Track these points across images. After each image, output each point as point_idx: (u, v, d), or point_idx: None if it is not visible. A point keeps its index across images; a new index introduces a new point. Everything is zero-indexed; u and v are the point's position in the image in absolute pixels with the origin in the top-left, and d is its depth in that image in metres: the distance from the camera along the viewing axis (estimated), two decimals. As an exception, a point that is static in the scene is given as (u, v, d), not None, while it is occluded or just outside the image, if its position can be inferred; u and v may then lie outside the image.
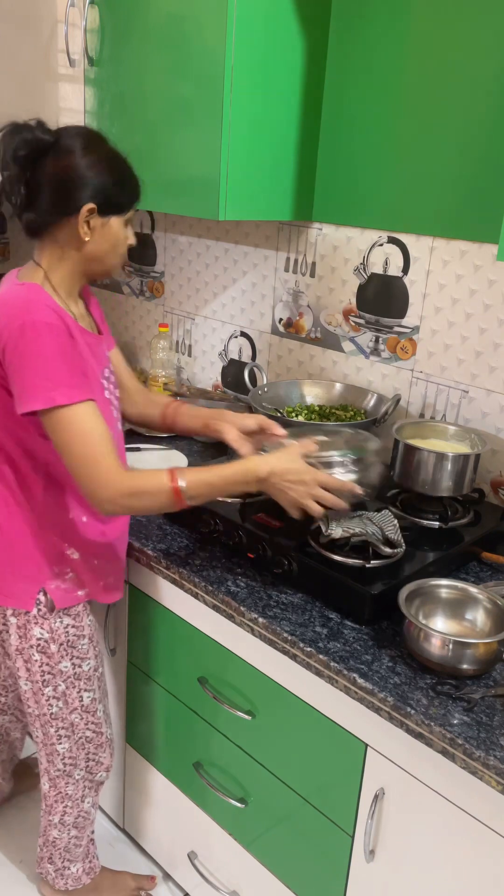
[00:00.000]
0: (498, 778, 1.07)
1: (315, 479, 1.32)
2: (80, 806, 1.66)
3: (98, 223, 1.30)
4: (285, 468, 1.31)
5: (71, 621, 1.48)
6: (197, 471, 1.31)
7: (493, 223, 1.59)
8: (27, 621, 1.44)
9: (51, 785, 1.62)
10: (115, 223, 1.33)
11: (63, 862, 1.72)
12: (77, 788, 1.63)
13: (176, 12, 1.67)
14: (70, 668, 1.51)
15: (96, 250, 1.33)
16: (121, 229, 1.34)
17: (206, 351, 2.36)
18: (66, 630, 1.48)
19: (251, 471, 1.31)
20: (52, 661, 1.48)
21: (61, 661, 1.49)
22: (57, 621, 1.46)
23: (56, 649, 1.48)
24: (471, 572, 1.55)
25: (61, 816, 1.65)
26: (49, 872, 1.73)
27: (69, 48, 1.91)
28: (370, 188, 1.81)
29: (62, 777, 1.61)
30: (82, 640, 1.51)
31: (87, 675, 1.54)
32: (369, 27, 1.72)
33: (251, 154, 1.71)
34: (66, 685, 1.52)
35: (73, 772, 1.61)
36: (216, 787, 1.60)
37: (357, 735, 1.29)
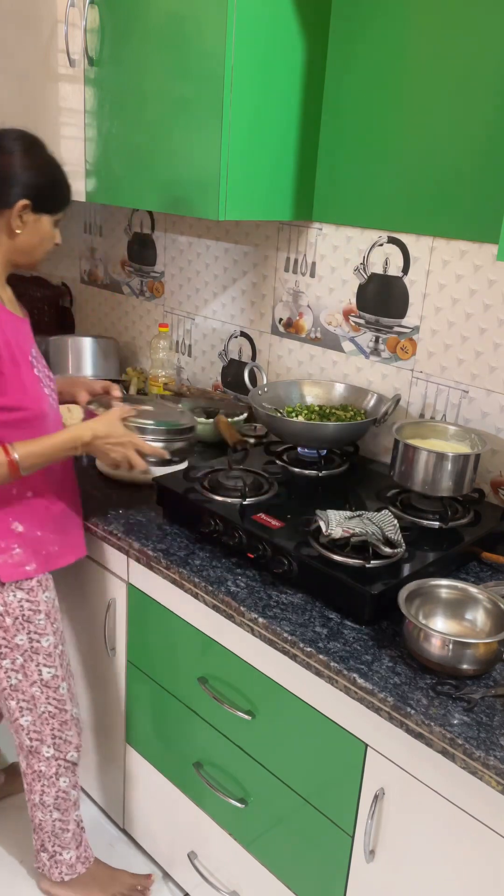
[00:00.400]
0: (498, 778, 1.07)
1: (131, 442, 1.51)
2: (57, 785, 1.69)
3: (31, 218, 1.42)
4: (106, 432, 1.48)
5: (24, 595, 1.54)
6: (29, 443, 1.42)
7: (493, 223, 1.59)
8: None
9: (26, 763, 1.68)
10: (46, 221, 1.45)
11: (54, 847, 1.75)
12: (49, 766, 1.67)
13: (176, 12, 1.67)
14: (27, 642, 1.57)
15: (26, 243, 1.45)
16: (50, 227, 1.47)
17: (206, 351, 2.36)
18: (20, 604, 1.54)
19: (78, 437, 1.46)
20: (8, 634, 1.54)
21: (17, 634, 1.55)
22: (10, 595, 1.52)
23: (11, 622, 1.54)
24: (471, 572, 1.55)
25: (40, 796, 1.70)
26: (44, 863, 1.77)
27: (69, 48, 1.90)
28: (370, 188, 1.81)
29: (32, 754, 1.66)
30: (38, 616, 1.57)
31: (46, 650, 1.60)
32: (369, 27, 1.72)
33: (251, 154, 1.71)
34: (23, 658, 1.57)
35: (40, 748, 1.65)
36: (216, 787, 1.60)
37: (357, 735, 1.29)
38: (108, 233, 2.60)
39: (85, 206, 2.65)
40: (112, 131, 1.89)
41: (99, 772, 1.99)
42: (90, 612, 1.83)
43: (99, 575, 1.76)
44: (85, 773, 2.06)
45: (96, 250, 2.67)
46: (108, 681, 1.84)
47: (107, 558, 1.73)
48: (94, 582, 1.78)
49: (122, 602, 1.72)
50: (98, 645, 1.82)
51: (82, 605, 1.84)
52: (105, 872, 1.83)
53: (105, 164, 1.94)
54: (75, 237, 2.74)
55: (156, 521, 1.68)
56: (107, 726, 1.89)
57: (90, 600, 1.81)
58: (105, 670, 1.83)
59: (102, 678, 1.85)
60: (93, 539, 1.72)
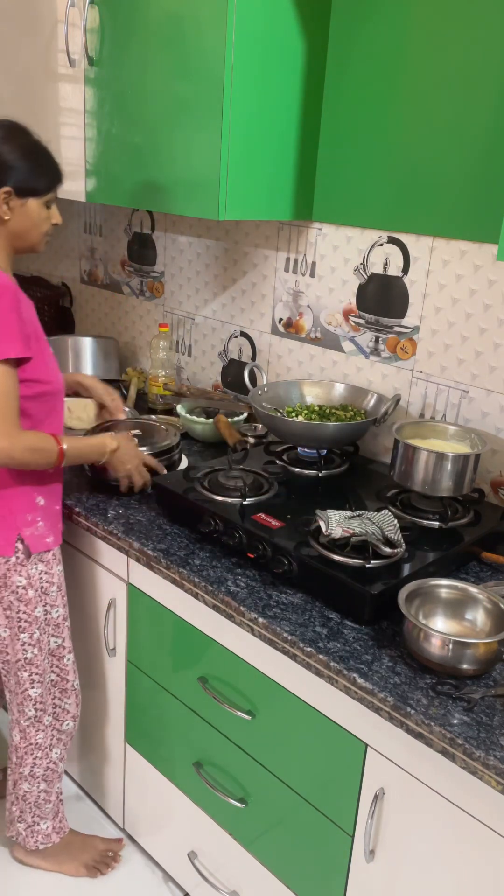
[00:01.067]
0: (498, 778, 1.07)
1: (141, 459, 1.72)
2: (49, 756, 1.75)
3: (17, 204, 1.45)
4: (126, 447, 1.67)
5: (44, 568, 1.62)
6: (72, 439, 1.56)
7: (493, 223, 1.59)
8: (8, 569, 1.57)
9: (21, 736, 1.71)
10: (34, 204, 1.47)
11: (33, 818, 1.79)
12: (46, 736, 1.73)
13: (176, 12, 1.67)
14: (42, 615, 1.64)
15: (17, 228, 1.48)
16: (40, 210, 1.49)
17: (206, 351, 2.36)
18: (40, 577, 1.62)
19: (107, 445, 1.63)
20: (29, 607, 1.61)
21: (36, 607, 1.62)
22: (33, 567, 1.60)
23: (33, 595, 1.60)
24: (471, 572, 1.55)
25: (31, 768, 1.73)
26: (20, 832, 1.81)
27: (69, 48, 1.90)
28: (370, 188, 1.81)
29: (33, 724, 1.70)
30: (52, 588, 1.65)
31: (55, 621, 1.68)
32: (369, 27, 1.72)
33: (251, 154, 1.71)
34: (39, 631, 1.64)
35: (42, 717, 1.71)
36: (216, 787, 1.60)
37: (357, 735, 1.29)
38: (108, 233, 2.60)
39: (85, 206, 2.65)
40: (112, 131, 1.89)
41: (99, 772, 1.99)
42: (90, 612, 1.83)
43: (99, 575, 1.76)
44: (85, 773, 2.07)
45: (96, 250, 2.67)
46: (108, 681, 1.84)
47: (107, 558, 1.73)
48: (94, 582, 1.78)
49: (122, 602, 1.72)
50: (98, 645, 1.82)
51: (82, 605, 1.84)
52: (77, 840, 1.91)
53: (105, 164, 1.94)
54: (75, 237, 2.74)
55: (156, 521, 1.68)
56: (107, 726, 1.90)
57: (90, 600, 1.81)
58: (105, 670, 1.84)
59: (102, 678, 1.85)
60: (93, 539, 1.72)
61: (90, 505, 1.73)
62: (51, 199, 1.50)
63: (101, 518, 1.67)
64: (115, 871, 1.91)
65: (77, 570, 1.82)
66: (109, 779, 1.96)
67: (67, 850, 1.88)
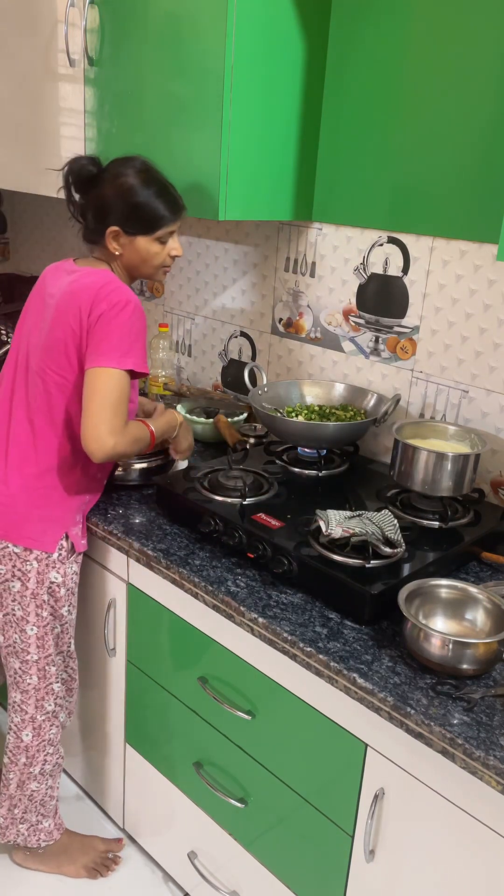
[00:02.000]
0: (498, 778, 1.07)
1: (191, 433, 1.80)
2: (59, 752, 1.79)
3: (126, 241, 1.55)
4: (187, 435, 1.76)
5: (76, 569, 1.66)
6: (156, 421, 1.64)
7: (493, 223, 1.59)
8: (47, 566, 1.59)
9: (35, 734, 1.72)
10: (142, 241, 1.55)
11: (37, 817, 1.80)
12: (58, 732, 1.76)
13: (176, 12, 1.67)
14: (66, 614, 1.68)
15: (128, 262, 1.58)
16: (149, 245, 1.56)
17: (206, 351, 2.36)
18: (72, 577, 1.65)
19: (176, 419, 1.71)
20: (59, 604, 1.64)
21: (64, 605, 1.65)
22: (69, 567, 1.64)
23: (63, 593, 1.64)
24: (471, 572, 1.55)
25: (42, 766, 1.75)
26: (21, 833, 1.81)
27: (69, 48, 1.90)
28: (370, 188, 1.81)
29: (49, 719, 1.72)
30: (76, 589, 1.69)
31: (72, 622, 1.71)
32: (369, 27, 1.72)
33: (251, 154, 1.71)
34: (61, 629, 1.68)
35: (59, 713, 1.74)
36: (216, 787, 1.60)
37: (357, 735, 1.29)
38: (108, 233, 2.60)
39: (85, 206, 2.65)
40: (112, 131, 1.89)
41: (99, 772, 1.99)
42: (90, 612, 1.83)
43: (99, 575, 1.76)
44: (85, 773, 2.07)
45: (96, 250, 2.67)
46: (108, 681, 1.84)
47: (107, 558, 1.73)
48: (94, 582, 1.78)
49: (122, 602, 1.72)
50: (98, 645, 1.82)
51: (82, 605, 1.84)
52: (76, 841, 1.91)
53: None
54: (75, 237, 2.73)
55: (156, 521, 1.68)
56: (107, 726, 1.90)
57: (90, 600, 1.81)
58: (105, 670, 1.84)
59: (102, 678, 1.85)
60: (93, 539, 1.72)
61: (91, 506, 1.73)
62: (164, 235, 1.55)
63: (101, 518, 1.67)
64: (115, 872, 1.91)
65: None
66: (109, 779, 1.96)
67: (67, 852, 1.88)
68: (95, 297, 1.45)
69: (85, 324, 1.47)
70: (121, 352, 1.45)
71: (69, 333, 1.48)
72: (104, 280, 1.49)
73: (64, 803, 2.04)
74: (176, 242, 1.59)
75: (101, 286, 1.47)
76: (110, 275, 1.53)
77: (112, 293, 1.46)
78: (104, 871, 1.89)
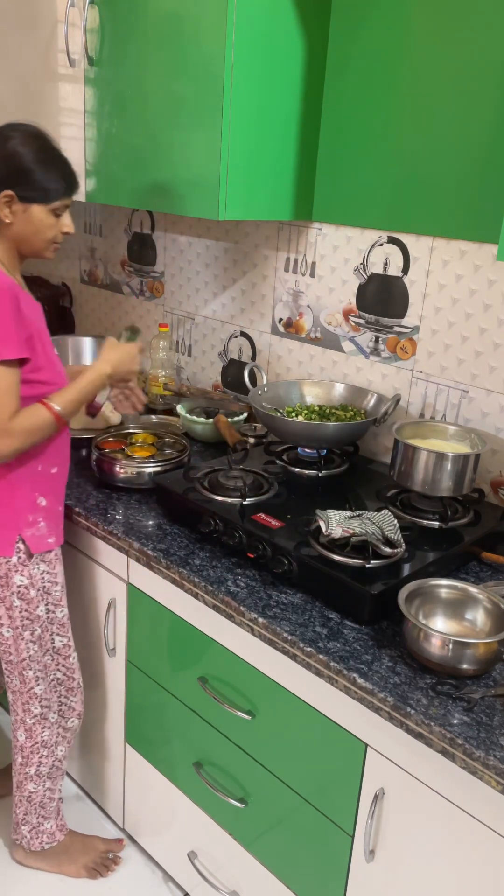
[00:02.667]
0: (498, 778, 1.07)
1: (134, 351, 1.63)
2: (55, 754, 1.76)
3: (20, 208, 1.44)
4: (118, 358, 1.59)
5: (46, 567, 1.62)
6: (62, 392, 1.50)
7: (493, 223, 1.59)
8: (8, 569, 1.57)
9: (27, 735, 1.71)
10: (38, 210, 1.45)
11: (38, 819, 1.80)
12: (52, 734, 1.74)
13: (176, 12, 1.67)
14: (45, 614, 1.65)
15: (20, 233, 1.47)
16: (44, 216, 1.46)
17: (206, 351, 2.36)
18: (42, 576, 1.62)
19: (100, 373, 1.56)
20: (31, 606, 1.61)
21: (38, 606, 1.63)
22: (35, 568, 1.60)
23: (34, 594, 1.61)
24: (471, 572, 1.55)
25: (37, 767, 1.74)
26: (24, 835, 1.82)
27: (69, 48, 1.90)
28: (370, 188, 1.81)
29: (38, 722, 1.71)
30: (56, 587, 1.66)
31: (60, 621, 1.69)
32: (369, 27, 1.72)
33: (251, 154, 1.71)
34: (41, 629, 1.65)
35: (48, 714, 1.72)
36: (216, 787, 1.60)
37: (357, 735, 1.29)
38: (108, 233, 2.60)
39: (85, 206, 2.65)
40: (112, 131, 1.89)
41: (99, 772, 1.99)
42: (90, 612, 1.83)
43: (99, 575, 1.76)
44: (85, 773, 2.07)
45: (96, 250, 2.67)
46: (108, 681, 1.84)
47: (107, 558, 1.73)
48: (94, 582, 1.78)
49: (122, 602, 1.72)
50: (98, 645, 1.82)
51: (82, 605, 1.84)
52: (78, 841, 1.91)
53: (105, 164, 1.94)
54: (75, 237, 2.74)
55: (156, 521, 1.68)
56: (107, 726, 1.90)
57: (90, 600, 1.81)
58: (105, 670, 1.84)
59: (102, 678, 1.85)
60: (93, 539, 1.72)
61: (90, 505, 1.73)
62: (60, 207, 1.48)
63: (101, 518, 1.67)
64: (116, 871, 1.91)
65: (77, 570, 1.82)
66: (109, 779, 1.96)
67: (67, 852, 1.88)
68: None
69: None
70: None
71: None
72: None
73: (64, 803, 2.04)
74: (69, 218, 1.51)
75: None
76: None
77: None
78: (104, 872, 1.89)
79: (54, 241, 1.51)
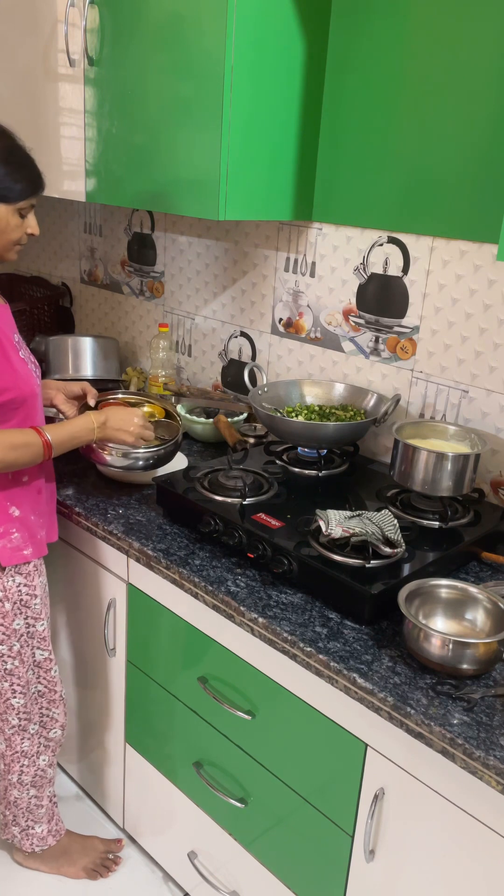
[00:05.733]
0: (498, 778, 1.07)
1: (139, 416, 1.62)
2: (37, 763, 1.73)
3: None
4: (115, 415, 1.59)
5: (23, 580, 1.57)
6: (54, 427, 1.51)
7: (493, 223, 1.59)
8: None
9: (7, 744, 1.69)
10: (3, 210, 1.40)
11: (27, 822, 1.79)
12: (32, 744, 1.71)
13: (176, 12, 1.67)
14: (24, 627, 1.60)
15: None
16: (9, 216, 1.41)
17: (206, 351, 2.36)
18: (18, 589, 1.57)
19: (92, 421, 1.56)
20: (7, 620, 1.56)
21: (15, 619, 1.58)
22: (9, 580, 1.55)
23: (10, 608, 1.56)
24: (471, 572, 1.55)
25: (19, 776, 1.72)
26: (15, 835, 1.81)
27: (69, 48, 1.90)
28: (370, 188, 1.81)
29: (17, 733, 1.68)
30: (35, 600, 1.60)
31: (40, 634, 1.65)
32: (369, 27, 1.72)
33: (251, 154, 1.71)
34: (20, 644, 1.60)
35: (27, 726, 1.69)
36: (216, 787, 1.60)
37: (357, 735, 1.29)
38: (108, 233, 2.60)
39: (85, 206, 2.65)
40: (112, 131, 1.89)
41: (99, 772, 1.99)
42: (90, 612, 1.83)
43: (99, 575, 1.76)
44: (85, 773, 2.07)
45: (96, 250, 2.67)
46: (108, 681, 1.84)
47: (107, 558, 1.73)
48: (94, 582, 1.78)
49: (122, 602, 1.72)
50: (98, 645, 1.82)
51: (82, 605, 1.84)
52: (77, 842, 1.90)
53: (105, 164, 1.94)
54: (75, 237, 2.74)
55: (156, 521, 1.68)
56: (107, 726, 1.90)
57: (90, 600, 1.81)
58: (105, 670, 1.84)
59: (102, 678, 1.85)
60: (93, 539, 1.72)
61: (90, 505, 1.73)
62: (25, 207, 1.42)
63: (101, 518, 1.67)
64: (116, 871, 1.91)
65: (77, 570, 1.82)
66: (109, 779, 1.96)
67: (67, 853, 1.88)
68: None
69: None
70: None
71: None
72: None
73: (64, 803, 2.04)
74: (34, 220, 1.47)
75: None
76: None
77: None
78: (104, 872, 1.89)
79: (19, 242, 1.46)
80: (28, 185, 1.41)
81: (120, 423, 1.59)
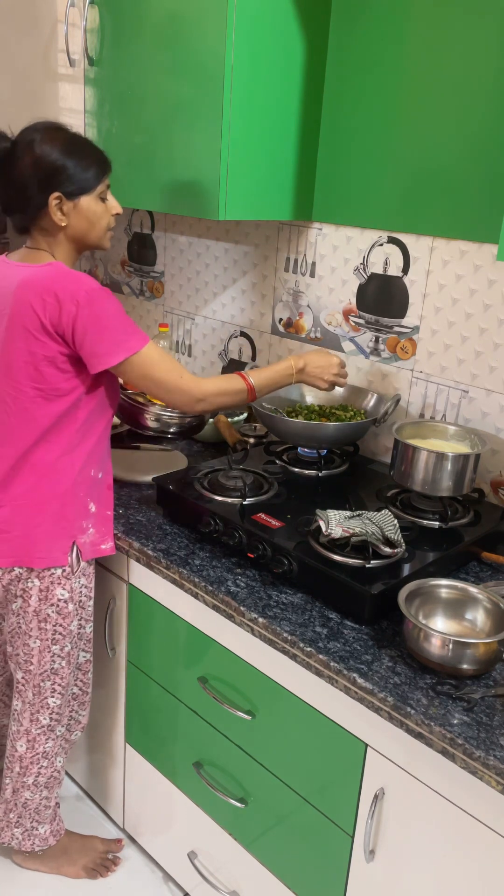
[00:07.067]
0: (498, 778, 1.07)
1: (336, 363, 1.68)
2: (54, 765, 1.73)
3: (69, 207, 1.43)
4: (313, 360, 1.65)
5: (85, 581, 1.60)
6: (257, 372, 1.58)
7: (493, 223, 1.59)
8: (51, 582, 1.54)
9: (28, 746, 1.68)
10: (86, 201, 1.44)
11: (31, 823, 1.78)
12: (55, 745, 1.71)
13: (176, 12, 1.68)
14: (76, 629, 1.62)
15: (77, 230, 1.46)
16: (94, 205, 1.46)
17: (206, 351, 2.36)
18: (80, 590, 1.59)
19: (291, 367, 1.62)
20: (66, 620, 1.58)
21: (73, 620, 1.59)
22: (76, 581, 1.57)
23: (72, 609, 1.58)
24: (471, 572, 1.55)
25: (35, 777, 1.71)
26: (15, 836, 1.79)
27: (69, 48, 1.90)
28: (370, 188, 1.81)
29: (44, 733, 1.67)
30: (89, 602, 1.64)
31: (87, 636, 1.67)
32: (369, 27, 1.72)
33: (251, 154, 1.71)
34: (71, 645, 1.61)
35: (56, 727, 1.68)
36: (216, 787, 1.60)
37: (357, 735, 1.29)
38: (108, 233, 2.60)
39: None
40: (112, 131, 1.89)
41: (99, 772, 1.99)
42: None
43: (99, 575, 1.76)
44: (85, 773, 2.07)
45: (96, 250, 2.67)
46: (108, 681, 1.84)
47: (107, 558, 1.73)
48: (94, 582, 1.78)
49: (122, 602, 1.72)
50: (98, 645, 1.82)
51: (82, 605, 1.84)
52: (76, 841, 1.90)
53: (105, 164, 1.94)
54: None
55: (156, 521, 1.68)
56: (107, 726, 1.90)
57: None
58: (105, 670, 1.84)
59: (102, 678, 1.85)
60: (93, 539, 1.72)
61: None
62: (103, 190, 1.46)
63: (101, 518, 1.67)
64: (115, 872, 1.91)
65: (77, 570, 1.82)
66: (109, 779, 1.96)
67: (67, 853, 1.87)
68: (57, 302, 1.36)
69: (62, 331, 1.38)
70: (127, 334, 1.41)
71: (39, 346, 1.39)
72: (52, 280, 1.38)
73: (64, 803, 2.04)
74: (114, 199, 1.50)
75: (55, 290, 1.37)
76: (54, 269, 1.41)
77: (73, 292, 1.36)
78: (104, 872, 1.89)
79: (109, 226, 1.50)
80: (98, 169, 1.45)
81: (317, 370, 1.66)
